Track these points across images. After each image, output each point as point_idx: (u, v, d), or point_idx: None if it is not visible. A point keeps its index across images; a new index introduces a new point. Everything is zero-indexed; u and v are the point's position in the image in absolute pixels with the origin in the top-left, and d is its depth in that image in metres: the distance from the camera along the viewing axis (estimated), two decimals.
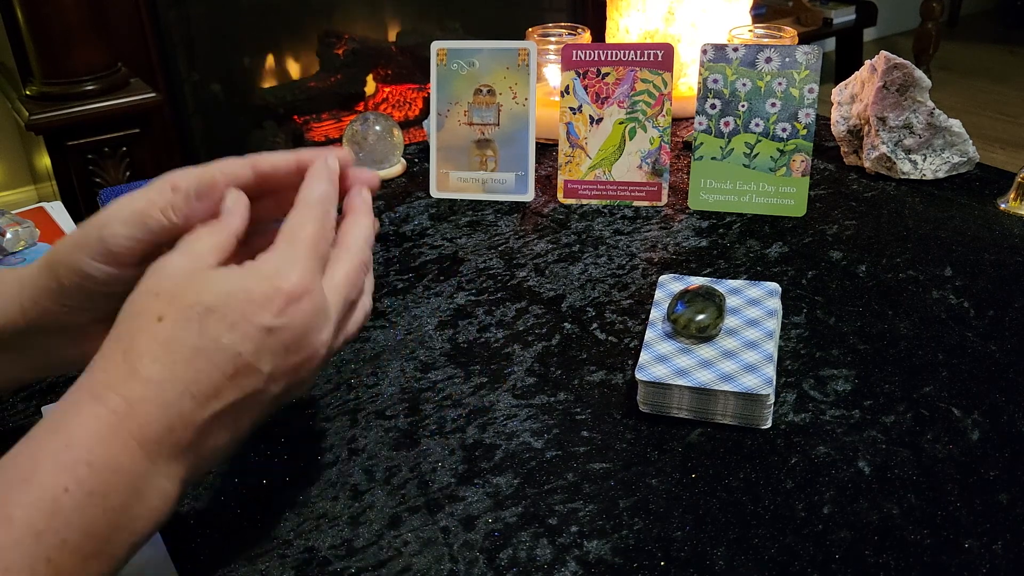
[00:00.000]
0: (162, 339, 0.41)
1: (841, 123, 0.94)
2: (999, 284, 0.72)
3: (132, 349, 0.41)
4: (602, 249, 0.81)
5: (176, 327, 0.41)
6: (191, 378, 0.41)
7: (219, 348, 0.41)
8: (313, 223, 0.46)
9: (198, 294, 0.42)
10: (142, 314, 0.42)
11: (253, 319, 0.42)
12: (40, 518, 0.37)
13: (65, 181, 1.77)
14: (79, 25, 1.72)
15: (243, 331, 0.42)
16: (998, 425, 0.56)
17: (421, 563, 0.48)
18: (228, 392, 0.42)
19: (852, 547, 0.48)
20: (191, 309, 0.42)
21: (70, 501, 0.37)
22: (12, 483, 0.38)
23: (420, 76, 2.51)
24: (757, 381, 0.56)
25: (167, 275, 0.43)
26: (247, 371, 0.42)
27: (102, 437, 0.39)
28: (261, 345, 0.42)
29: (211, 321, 0.41)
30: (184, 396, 0.41)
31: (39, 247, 0.78)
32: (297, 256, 0.44)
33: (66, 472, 0.38)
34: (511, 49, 0.90)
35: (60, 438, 0.39)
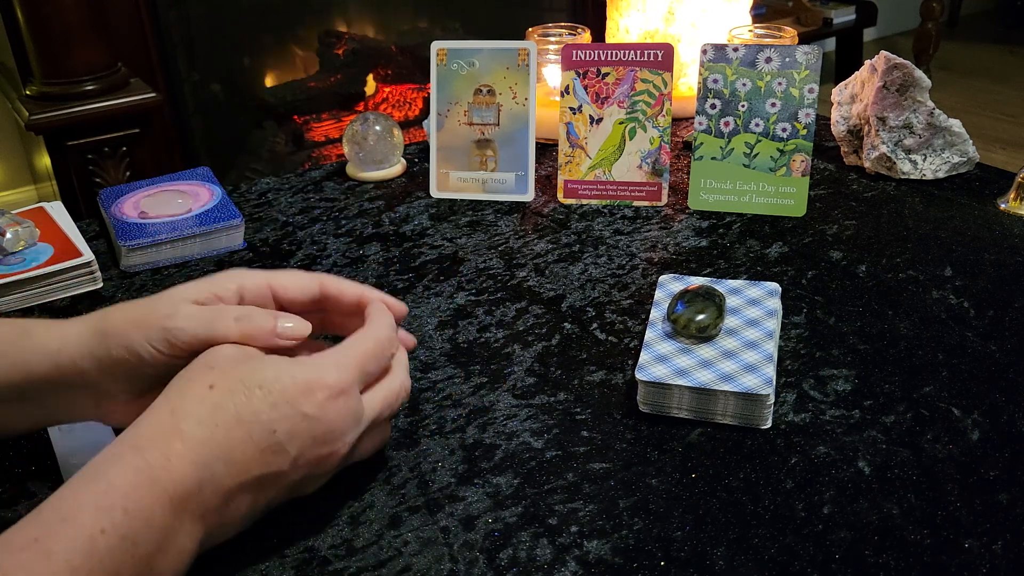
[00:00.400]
0: (209, 404, 0.45)
1: (841, 123, 0.94)
2: (999, 284, 0.72)
3: (180, 409, 0.45)
4: (602, 249, 0.81)
5: (224, 395, 0.45)
6: (228, 445, 0.44)
7: (258, 422, 0.45)
8: (371, 343, 0.51)
9: (250, 372, 0.46)
10: (194, 380, 0.46)
11: (294, 403, 0.46)
12: (77, 556, 0.39)
13: (65, 181, 1.77)
14: (79, 25, 1.72)
15: (282, 412, 0.46)
16: (998, 425, 0.56)
17: (421, 563, 0.48)
18: (256, 466, 0.45)
19: (852, 547, 0.48)
20: (241, 383, 0.46)
21: (105, 543, 0.40)
22: (53, 521, 0.40)
23: (420, 76, 2.51)
24: (757, 381, 0.56)
25: (224, 353, 0.47)
26: (277, 449, 0.46)
27: (138, 487, 0.42)
28: (294, 429, 0.46)
29: (256, 397, 0.45)
30: (218, 460, 0.44)
31: (39, 247, 0.78)
32: (345, 362, 0.49)
33: (104, 515, 0.40)
34: (511, 49, 0.90)
35: (100, 484, 0.41)
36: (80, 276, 0.76)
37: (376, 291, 0.55)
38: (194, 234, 0.81)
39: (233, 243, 0.84)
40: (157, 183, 0.90)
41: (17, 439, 0.58)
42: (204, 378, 0.46)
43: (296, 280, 0.54)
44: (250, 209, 0.92)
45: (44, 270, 0.75)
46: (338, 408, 0.48)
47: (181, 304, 0.49)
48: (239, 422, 0.45)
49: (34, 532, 0.39)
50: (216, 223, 0.82)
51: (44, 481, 0.55)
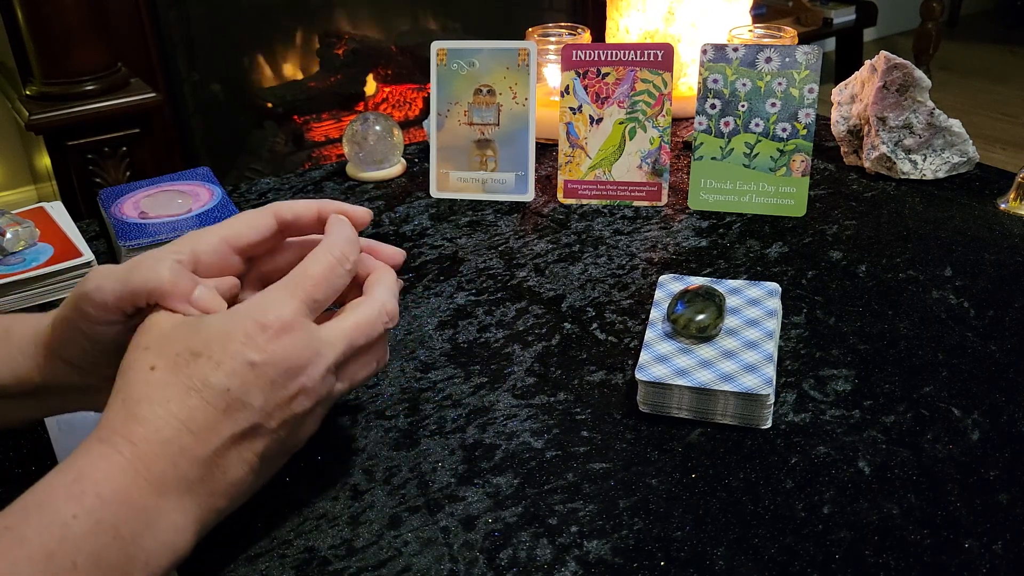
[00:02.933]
0: (155, 385, 0.44)
1: (841, 123, 0.94)
2: (999, 284, 0.72)
3: (129, 397, 0.44)
4: (602, 249, 0.81)
5: (166, 373, 0.44)
6: (186, 415, 0.43)
7: (208, 386, 0.44)
8: (319, 266, 0.49)
9: (184, 342, 0.45)
10: (135, 366, 0.45)
11: (236, 356, 0.44)
12: (51, 540, 0.39)
13: (65, 181, 1.77)
14: (79, 25, 1.72)
15: (228, 368, 0.44)
16: (998, 425, 0.56)
17: (421, 563, 0.48)
18: (224, 427, 0.44)
19: (852, 547, 0.48)
20: (179, 356, 0.44)
21: (79, 527, 0.39)
22: (27, 508, 0.40)
23: (420, 76, 2.51)
24: (757, 381, 0.56)
25: (154, 329, 0.46)
26: (238, 406, 0.44)
27: (111, 474, 0.41)
28: (246, 380, 0.44)
29: (198, 364, 0.44)
30: (181, 432, 0.43)
31: (39, 247, 0.78)
32: (286, 295, 0.47)
33: (74, 501, 0.40)
34: (511, 49, 0.90)
35: (71, 474, 0.41)
36: (80, 276, 0.76)
37: (334, 202, 0.53)
38: None
39: None
40: (157, 183, 0.90)
41: (17, 439, 0.58)
42: (143, 361, 0.45)
43: (249, 222, 0.52)
44: (250, 209, 0.92)
45: (44, 270, 0.75)
46: (285, 345, 0.45)
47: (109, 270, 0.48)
48: (189, 391, 0.43)
49: (5, 521, 0.39)
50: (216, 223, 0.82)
51: None
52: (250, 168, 2.34)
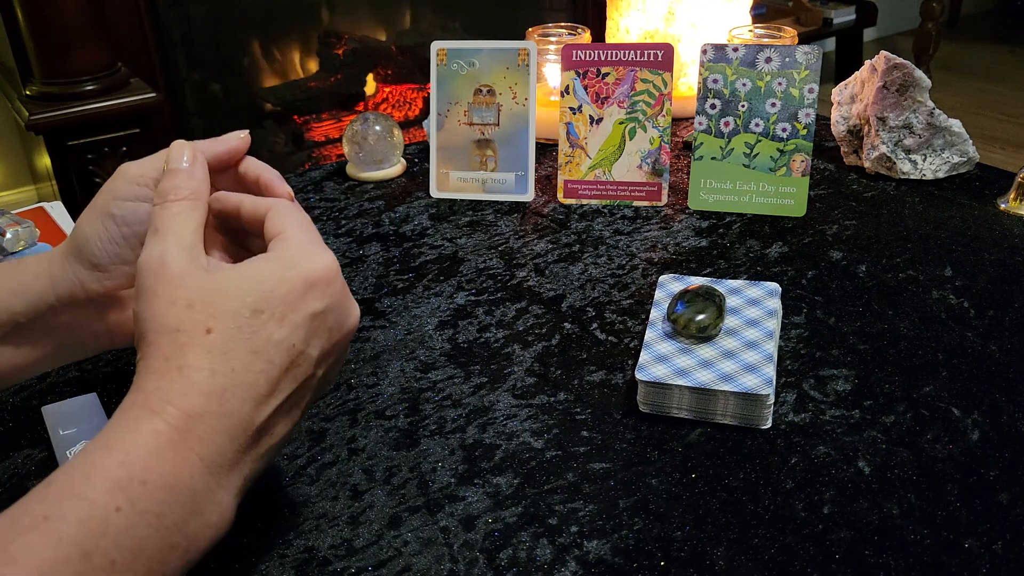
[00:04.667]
0: (216, 351, 0.41)
1: (841, 123, 0.94)
2: (999, 284, 0.72)
3: (187, 364, 0.41)
4: (602, 249, 0.81)
5: (227, 335, 0.42)
6: (251, 382, 0.42)
7: (273, 344, 0.42)
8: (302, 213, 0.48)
9: (238, 297, 0.42)
10: (184, 328, 0.42)
11: (300, 308, 0.43)
12: (89, 538, 0.36)
13: (65, 181, 1.77)
14: (79, 25, 1.72)
15: (292, 322, 0.43)
16: (998, 425, 0.56)
17: (421, 563, 0.48)
18: (285, 385, 0.43)
19: (852, 547, 0.48)
20: (239, 315, 0.42)
21: (122, 521, 0.37)
22: (64, 496, 0.37)
23: (420, 76, 2.51)
24: (757, 381, 0.56)
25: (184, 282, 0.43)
26: (301, 359, 0.43)
27: (160, 453, 0.39)
28: (310, 331, 0.44)
29: (260, 322, 0.42)
30: (245, 402, 0.41)
31: (39, 247, 0.78)
32: (315, 242, 0.46)
33: (120, 491, 0.37)
34: (511, 49, 0.90)
35: (115, 455, 0.39)
36: None
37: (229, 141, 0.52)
38: None
39: None
40: None
41: (17, 439, 0.58)
42: (194, 322, 0.41)
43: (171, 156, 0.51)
44: None
45: None
46: (337, 290, 0.45)
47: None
48: (255, 355, 0.42)
49: (43, 509, 0.36)
50: None
51: None
52: None
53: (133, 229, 0.50)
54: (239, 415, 0.41)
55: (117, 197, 0.49)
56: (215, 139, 0.51)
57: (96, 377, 0.64)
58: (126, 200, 0.49)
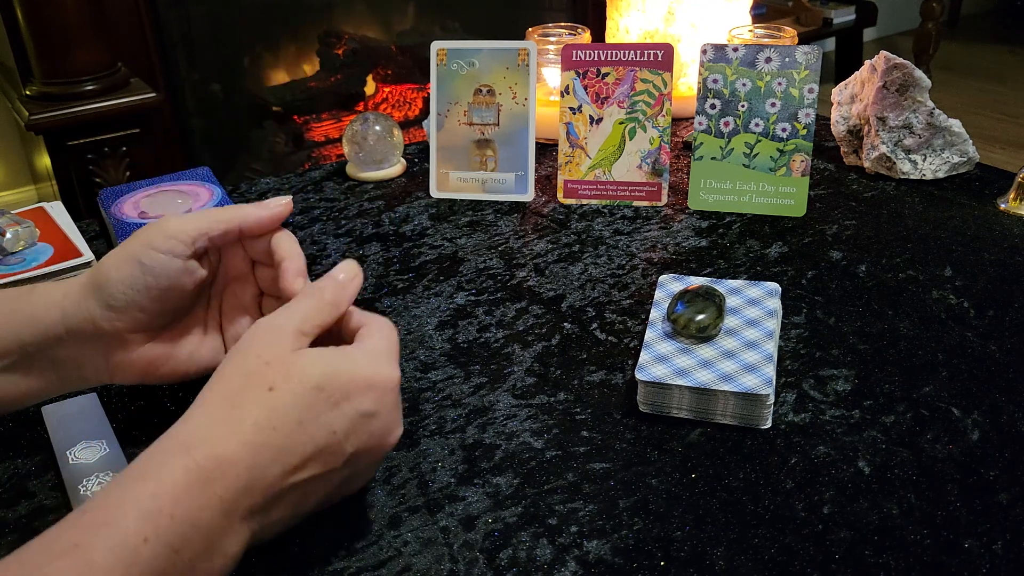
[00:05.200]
0: (268, 407, 0.43)
1: (841, 123, 0.94)
2: (999, 284, 0.72)
3: (239, 412, 0.43)
4: (602, 249, 0.81)
5: (284, 398, 0.44)
6: (286, 447, 0.43)
7: (318, 423, 0.44)
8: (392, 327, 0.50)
9: (309, 368, 0.45)
10: (252, 381, 0.44)
11: (354, 402, 0.45)
12: (118, 565, 0.38)
13: (65, 181, 1.77)
14: (79, 25, 1.72)
15: (343, 411, 0.45)
16: (998, 425, 0.56)
17: (421, 563, 0.48)
18: (312, 466, 0.45)
19: (852, 547, 0.48)
20: (302, 384, 0.44)
21: (148, 551, 0.39)
22: (96, 526, 0.39)
23: (420, 76, 2.51)
24: (757, 381, 0.56)
25: (275, 344, 0.46)
26: (335, 448, 0.45)
27: (188, 489, 0.41)
28: (353, 426, 0.45)
29: (318, 398, 0.44)
30: (274, 463, 0.43)
31: (39, 247, 0.78)
32: (390, 353, 0.48)
33: (149, 522, 0.39)
34: (511, 49, 0.90)
35: (147, 487, 0.40)
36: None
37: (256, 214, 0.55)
38: None
39: None
40: (157, 183, 0.90)
41: (17, 439, 0.58)
42: (263, 377, 0.44)
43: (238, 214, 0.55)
44: None
45: (44, 270, 0.75)
46: (392, 402, 0.47)
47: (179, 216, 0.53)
48: (300, 425, 0.44)
49: (75, 536, 0.38)
50: None
51: (44, 480, 0.55)
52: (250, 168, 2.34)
53: (158, 281, 0.52)
54: (264, 474, 0.43)
55: (151, 247, 0.51)
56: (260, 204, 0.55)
57: None
58: (159, 252, 0.51)
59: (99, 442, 0.56)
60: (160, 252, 0.51)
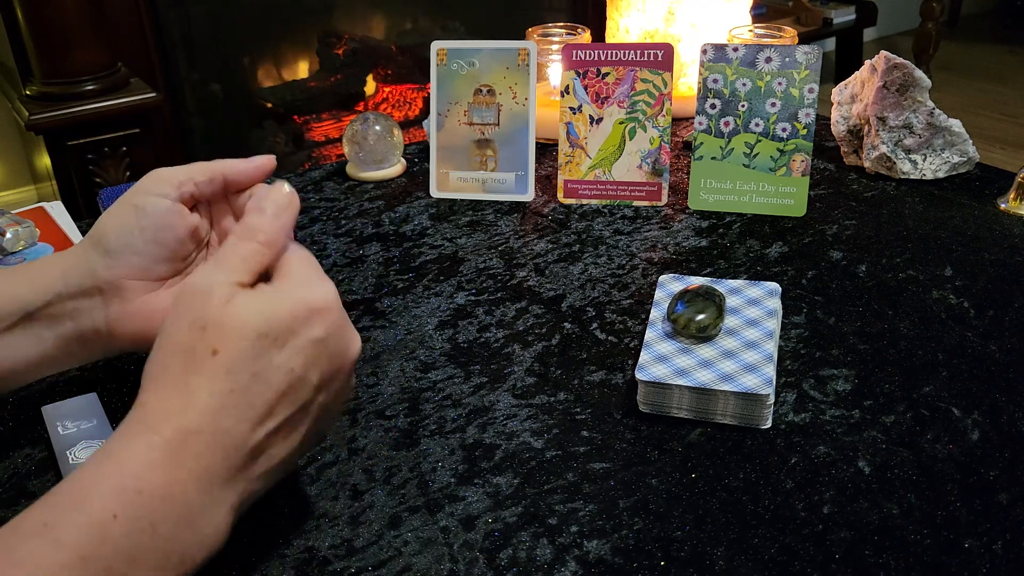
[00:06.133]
0: (220, 371, 0.43)
1: (841, 123, 0.94)
2: (999, 284, 0.72)
3: (189, 384, 0.42)
4: (602, 249, 0.81)
5: (231, 357, 0.43)
6: (248, 402, 0.43)
7: (273, 367, 0.43)
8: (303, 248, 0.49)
9: (245, 321, 0.44)
10: (194, 349, 0.43)
11: (301, 334, 0.44)
12: (88, 543, 0.38)
13: (65, 181, 1.77)
14: (79, 25, 1.72)
15: (293, 347, 0.44)
16: (998, 425, 0.56)
17: (421, 563, 0.48)
18: (281, 409, 0.44)
19: (852, 547, 0.48)
20: (243, 338, 0.43)
21: (118, 528, 0.39)
22: (63, 506, 0.39)
23: (420, 76, 2.51)
24: (757, 381, 0.56)
25: (206, 304, 0.44)
26: (299, 384, 0.44)
27: (155, 465, 0.40)
28: (310, 357, 0.45)
29: (263, 346, 0.43)
30: (240, 421, 0.43)
31: (39, 247, 0.78)
32: (316, 273, 0.48)
33: (116, 498, 0.39)
34: (511, 49, 0.90)
35: (111, 466, 0.40)
36: None
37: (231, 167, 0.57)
38: None
39: None
40: None
41: (18, 439, 0.58)
42: (203, 343, 0.43)
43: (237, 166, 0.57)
44: None
45: None
46: (339, 317, 0.46)
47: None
48: (255, 376, 0.43)
49: (43, 516, 0.38)
50: None
51: (44, 480, 0.55)
52: None
53: (150, 220, 0.54)
54: (234, 434, 0.42)
55: (142, 191, 0.54)
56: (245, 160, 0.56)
57: (96, 377, 0.64)
58: (149, 194, 0.54)
59: (99, 442, 0.56)
60: (150, 194, 0.54)
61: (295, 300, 0.45)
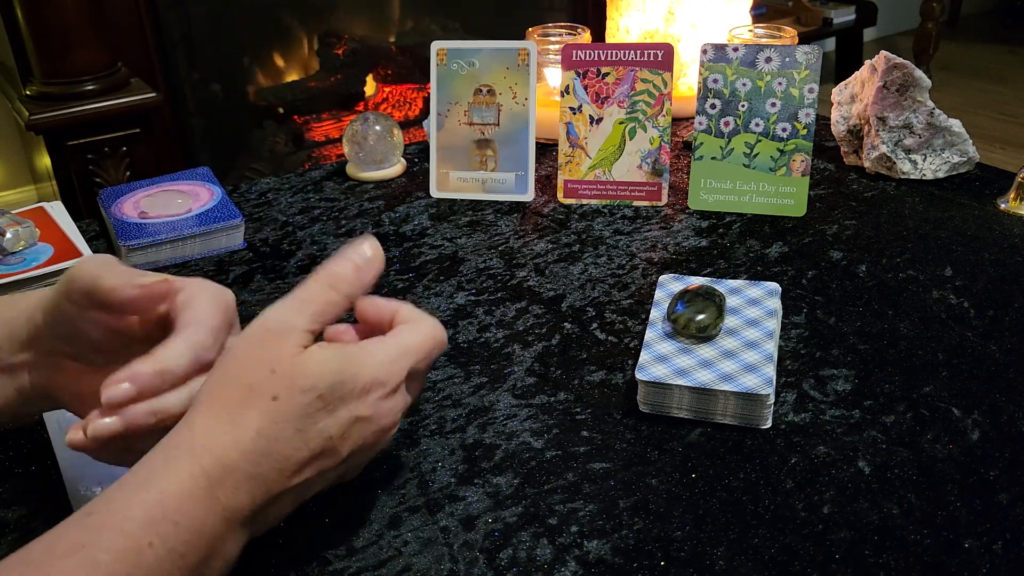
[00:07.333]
0: (272, 418, 0.43)
1: (841, 123, 0.94)
2: (999, 284, 0.72)
3: (242, 420, 0.43)
4: (602, 249, 0.81)
5: (287, 407, 0.44)
6: (285, 454, 0.44)
7: (316, 429, 0.44)
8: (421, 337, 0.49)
9: (314, 376, 0.44)
10: (256, 389, 0.44)
11: (350, 407, 0.45)
12: (122, 568, 0.38)
13: (65, 181, 1.77)
14: (79, 25, 1.72)
15: (338, 417, 0.45)
16: (998, 425, 0.56)
17: (421, 563, 0.48)
18: (308, 470, 0.45)
19: (852, 547, 0.48)
20: (304, 393, 0.44)
21: (152, 555, 0.39)
22: (103, 528, 0.39)
23: (420, 76, 2.51)
24: (757, 381, 0.56)
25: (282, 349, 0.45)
26: (330, 452, 0.45)
27: (192, 497, 0.41)
28: (349, 431, 0.45)
29: (318, 405, 0.44)
30: (273, 470, 0.43)
31: (39, 247, 0.78)
32: (400, 353, 0.47)
33: (154, 527, 0.40)
34: (511, 49, 0.90)
35: (152, 492, 0.41)
36: None
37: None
38: (194, 234, 0.81)
39: (233, 243, 0.84)
40: (157, 183, 0.90)
41: (17, 439, 0.58)
42: (267, 386, 0.44)
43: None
44: (250, 209, 0.92)
45: (44, 270, 0.75)
46: (390, 406, 0.47)
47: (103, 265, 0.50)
48: (298, 432, 0.44)
49: (80, 537, 0.39)
50: (216, 223, 0.82)
51: (44, 480, 0.55)
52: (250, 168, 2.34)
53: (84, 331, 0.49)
54: (265, 480, 0.43)
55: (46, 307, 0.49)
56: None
57: None
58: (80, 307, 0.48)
59: None
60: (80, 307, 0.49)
61: (360, 373, 0.45)
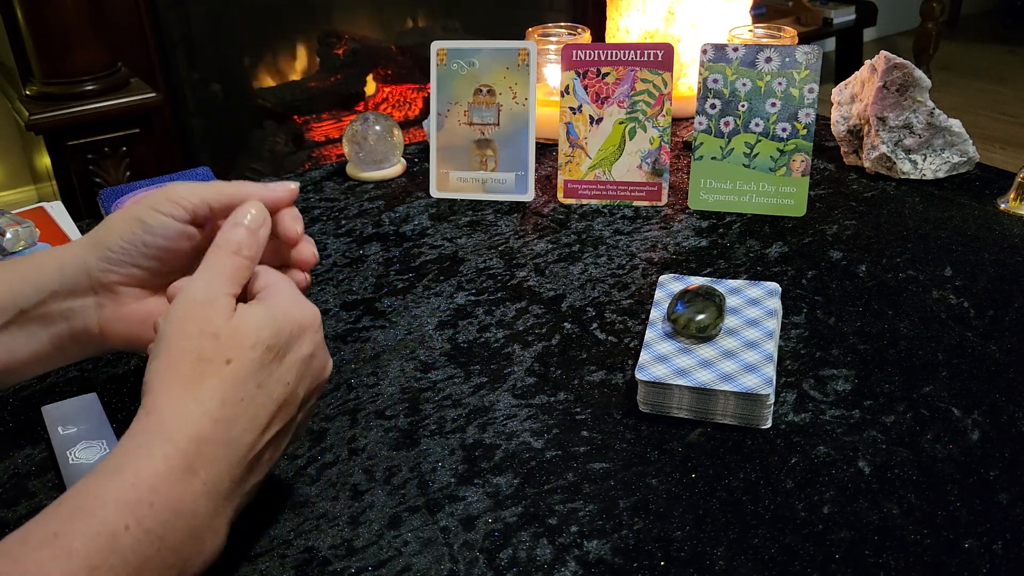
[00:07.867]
0: (231, 381, 0.44)
1: (841, 123, 0.94)
2: (999, 284, 0.72)
3: (203, 392, 0.44)
4: (602, 249, 0.81)
5: (243, 367, 0.44)
6: (253, 413, 0.44)
7: (274, 380, 0.45)
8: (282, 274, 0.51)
9: (256, 330, 0.45)
10: (207, 356, 0.44)
11: (294, 349, 0.46)
12: (97, 553, 0.38)
13: (65, 181, 1.77)
14: (79, 25, 1.72)
15: (288, 361, 0.46)
16: (998, 425, 0.56)
17: (421, 563, 0.48)
18: (276, 421, 0.46)
19: (852, 547, 0.48)
20: (254, 348, 0.45)
21: (128, 539, 0.39)
22: (75, 514, 0.39)
23: (420, 76, 2.51)
24: (757, 381, 0.56)
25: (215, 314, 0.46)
26: (291, 398, 0.46)
27: (168, 478, 0.41)
28: (300, 372, 0.47)
29: (269, 356, 0.45)
30: (247, 432, 0.44)
31: (39, 247, 0.78)
32: (298, 294, 0.49)
33: (128, 510, 0.39)
34: (511, 49, 0.90)
35: (126, 477, 0.41)
36: None
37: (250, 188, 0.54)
38: None
39: None
40: (157, 183, 0.90)
41: (17, 439, 0.58)
42: (216, 352, 0.44)
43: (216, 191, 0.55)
44: None
45: None
46: (321, 337, 0.49)
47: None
48: (259, 388, 0.45)
49: (54, 526, 0.38)
50: None
51: (44, 480, 0.55)
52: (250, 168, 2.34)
53: (155, 239, 0.53)
54: (240, 444, 0.44)
55: (154, 208, 0.53)
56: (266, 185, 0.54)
57: (96, 377, 0.64)
58: (160, 212, 0.53)
59: (99, 442, 0.56)
60: (162, 213, 0.53)
61: (290, 317, 0.47)
